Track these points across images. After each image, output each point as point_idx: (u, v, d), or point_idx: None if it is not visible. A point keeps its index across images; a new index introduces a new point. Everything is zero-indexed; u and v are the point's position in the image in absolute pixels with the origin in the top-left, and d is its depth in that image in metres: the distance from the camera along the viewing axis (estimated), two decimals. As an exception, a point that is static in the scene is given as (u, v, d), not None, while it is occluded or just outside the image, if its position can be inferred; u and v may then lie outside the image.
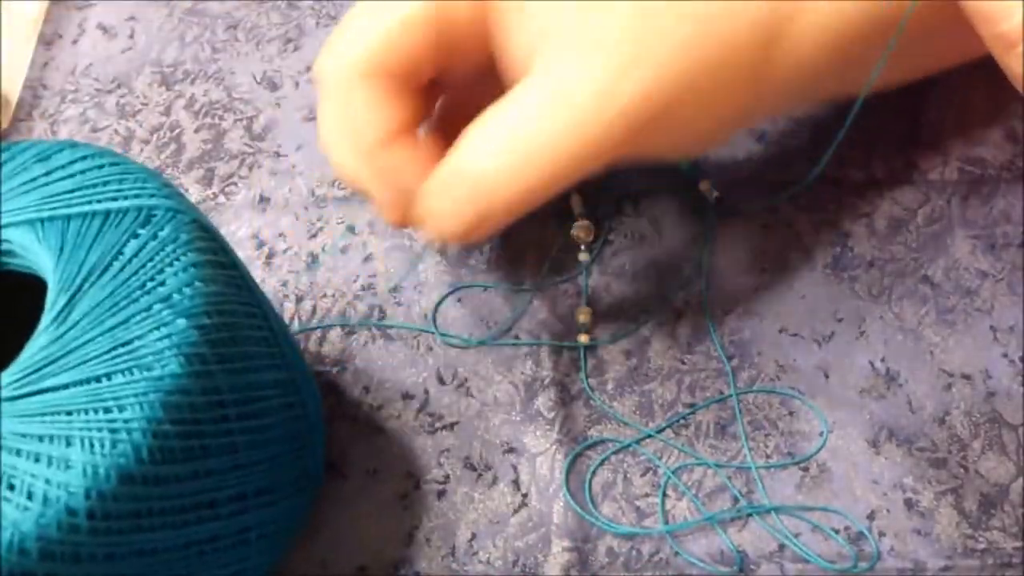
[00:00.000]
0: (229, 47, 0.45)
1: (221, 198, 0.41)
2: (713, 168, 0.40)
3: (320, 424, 0.33)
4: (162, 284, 0.26)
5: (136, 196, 0.28)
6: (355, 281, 0.38)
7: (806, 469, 0.34)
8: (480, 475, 0.34)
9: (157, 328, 0.25)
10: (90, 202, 0.27)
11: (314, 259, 0.39)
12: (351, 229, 0.39)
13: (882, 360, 0.35)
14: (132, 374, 0.25)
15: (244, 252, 0.39)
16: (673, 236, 0.39)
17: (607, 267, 0.38)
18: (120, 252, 0.26)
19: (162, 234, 0.27)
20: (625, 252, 0.38)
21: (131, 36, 0.46)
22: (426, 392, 0.36)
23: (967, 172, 0.39)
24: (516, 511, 0.33)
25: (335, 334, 0.37)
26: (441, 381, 0.36)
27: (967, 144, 0.40)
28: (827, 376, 0.35)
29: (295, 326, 0.37)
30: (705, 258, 0.38)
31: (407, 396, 0.36)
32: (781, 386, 0.35)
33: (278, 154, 0.42)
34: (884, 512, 0.33)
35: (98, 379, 0.25)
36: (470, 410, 0.35)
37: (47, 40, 0.46)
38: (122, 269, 0.26)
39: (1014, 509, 0.32)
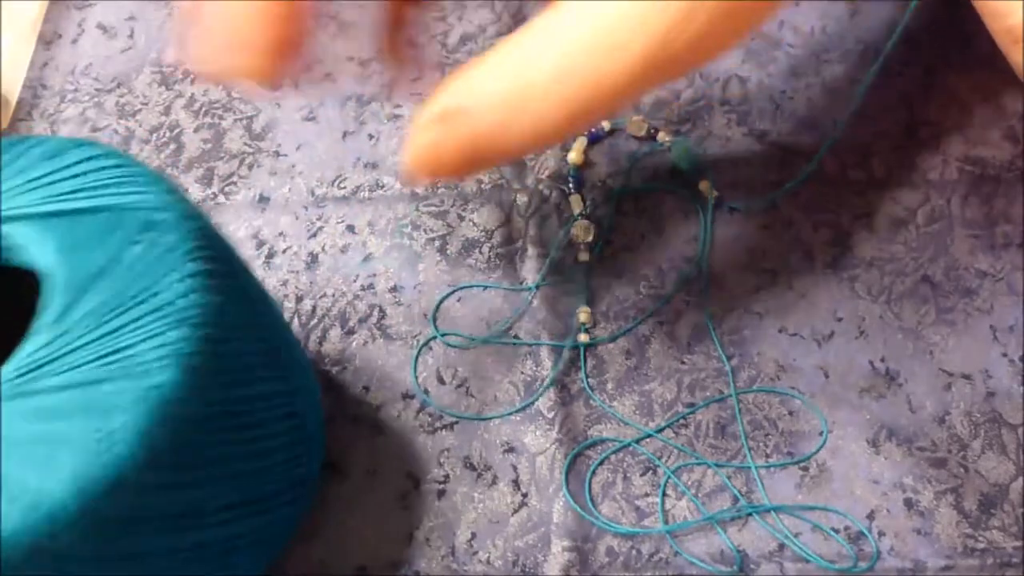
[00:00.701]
0: (229, 47, 0.45)
1: (221, 198, 0.41)
2: (713, 168, 0.40)
3: (320, 433, 0.33)
4: (160, 293, 0.26)
5: (138, 200, 0.27)
6: (355, 281, 0.38)
7: (806, 469, 0.34)
8: (480, 475, 0.34)
9: (152, 337, 0.25)
10: (92, 202, 0.27)
11: (314, 258, 0.39)
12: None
13: (882, 360, 0.35)
14: (125, 381, 0.24)
15: (244, 252, 0.39)
16: (673, 236, 0.39)
17: (607, 267, 0.38)
18: (120, 257, 0.26)
19: (162, 241, 0.26)
20: (625, 252, 0.38)
21: (131, 36, 0.46)
22: (426, 392, 0.36)
23: (967, 172, 0.39)
24: (516, 511, 0.33)
25: (335, 334, 0.37)
26: (441, 381, 0.36)
27: (967, 144, 0.40)
28: (827, 376, 0.35)
29: (295, 326, 0.37)
30: (705, 258, 0.38)
31: (407, 396, 0.36)
32: (781, 386, 0.35)
33: (278, 154, 0.42)
34: (884, 512, 0.33)
35: (91, 384, 0.24)
36: (470, 410, 0.35)
37: (47, 40, 0.46)
38: (121, 275, 0.26)
39: (1014, 509, 0.32)
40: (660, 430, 0.35)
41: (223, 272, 0.28)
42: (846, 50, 0.42)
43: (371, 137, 0.42)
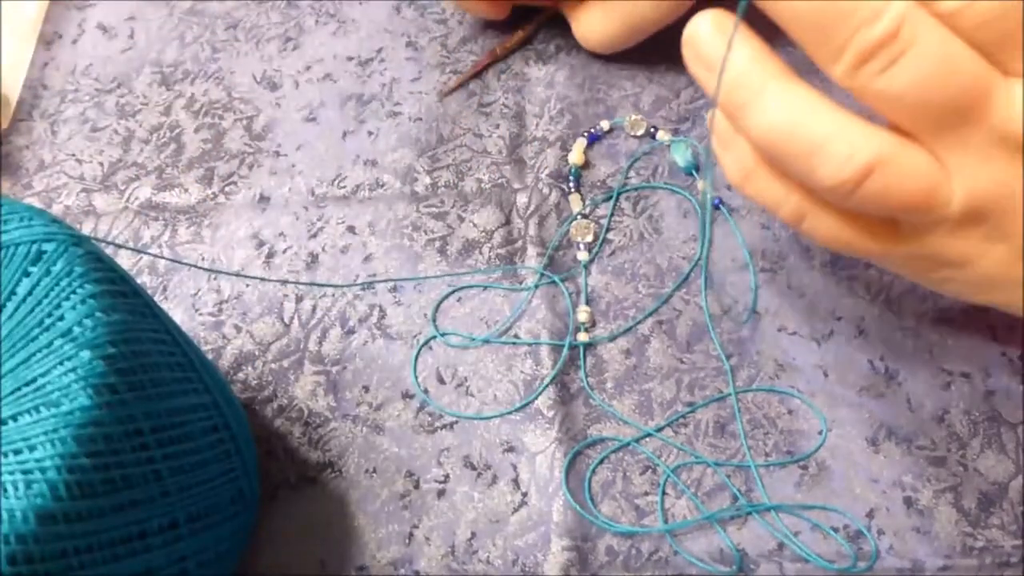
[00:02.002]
0: (229, 47, 0.45)
1: (221, 198, 0.41)
2: (713, 168, 0.40)
3: (250, 444, 0.32)
4: (61, 319, 0.26)
5: (23, 234, 0.27)
6: (355, 280, 0.38)
7: (805, 468, 0.34)
8: (480, 474, 0.34)
9: (61, 363, 0.25)
10: None
11: (314, 258, 0.39)
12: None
13: (881, 359, 0.35)
14: (40, 412, 0.24)
15: (244, 252, 0.39)
16: (672, 235, 0.39)
17: (606, 266, 0.38)
18: (13, 291, 0.26)
19: (55, 269, 0.27)
20: (624, 251, 0.38)
21: (131, 36, 0.46)
22: (426, 392, 0.36)
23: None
24: (516, 510, 0.34)
25: (335, 334, 0.37)
26: (441, 381, 0.36)
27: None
28: (826, 375, 0.35)
29: (295, 326, 0.37)
30: (704, 257, 0.38)
31: (407, 396, 0.36)
32: (780, 385, 0.35)
33: (278, 154, 0.42)
34: (883, 510, 0.33)
35: (5, 422, 0.24)
36: (470, 409, 0.36)
37: (47, 40, 0.46)
38: (17, 308, 0.26)
39: (1013, 507, 0.32)
40: (659, 429, 0.35)
41: (121, 291, 0.28)
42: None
43: (371, 135, 0.42)
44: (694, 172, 0.40)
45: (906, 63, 0.23)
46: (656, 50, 0.43)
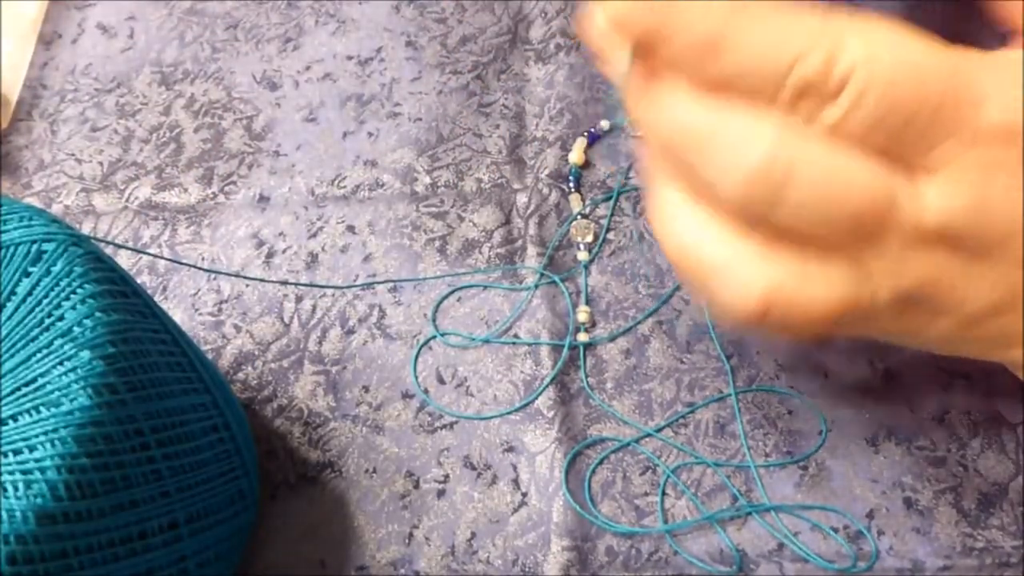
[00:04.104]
0: (229, 47, 0.45)
1: (221, 197, 0.41)
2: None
3: (250, 444, 0.33)
4: (61, 319, 0.26)
5: (23, 234, 0.27)
6: (355, 280, 0.38)
7: (805, 468, 0.34)
8: (480, 474, 0.34)
9: (60, 363, 0.25)
10: None
11: (314, 258, 0.39)
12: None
13: (881, 359, 0.35)
14: (40, 412, 0.24)
15: (244, 252, 0.39)
16: (672, 235, 0.39)
17: (606, 266, 0.38)
18: (13, 291, 0.26)
19: (55, 269, 0.27)
20: (624, 251, 0.38)
21: (131, 36, 0.46)
22: (426, 392, 0.36)
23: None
24: (516, 510, 0.34)
25: (335, 334, 0.37)
26: (441, 380, 0.36)
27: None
28: (826, 375, 0.35)
29: (295, 326, 0.37)
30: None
31: (407, 396, 0.36)
32: (780, 385, 0.35)
33: (278, 153, 0.42)
34: (883, 511, 0.33)
35: (5, 422, 0.24)
36: (470, 409, 0.36)
37: (47, 40, 0.46)
38: (17, 308, 0.26)
39: (1013, 508, 0.32)
40: (659, 429, 0.35)
41: (121, 291, 0.28)
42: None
43: (370, 135, 0.42)
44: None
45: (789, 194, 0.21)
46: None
